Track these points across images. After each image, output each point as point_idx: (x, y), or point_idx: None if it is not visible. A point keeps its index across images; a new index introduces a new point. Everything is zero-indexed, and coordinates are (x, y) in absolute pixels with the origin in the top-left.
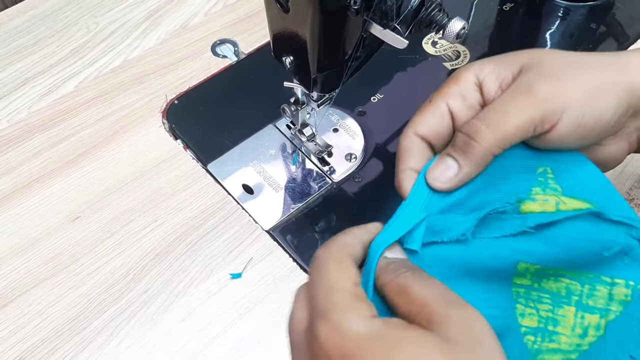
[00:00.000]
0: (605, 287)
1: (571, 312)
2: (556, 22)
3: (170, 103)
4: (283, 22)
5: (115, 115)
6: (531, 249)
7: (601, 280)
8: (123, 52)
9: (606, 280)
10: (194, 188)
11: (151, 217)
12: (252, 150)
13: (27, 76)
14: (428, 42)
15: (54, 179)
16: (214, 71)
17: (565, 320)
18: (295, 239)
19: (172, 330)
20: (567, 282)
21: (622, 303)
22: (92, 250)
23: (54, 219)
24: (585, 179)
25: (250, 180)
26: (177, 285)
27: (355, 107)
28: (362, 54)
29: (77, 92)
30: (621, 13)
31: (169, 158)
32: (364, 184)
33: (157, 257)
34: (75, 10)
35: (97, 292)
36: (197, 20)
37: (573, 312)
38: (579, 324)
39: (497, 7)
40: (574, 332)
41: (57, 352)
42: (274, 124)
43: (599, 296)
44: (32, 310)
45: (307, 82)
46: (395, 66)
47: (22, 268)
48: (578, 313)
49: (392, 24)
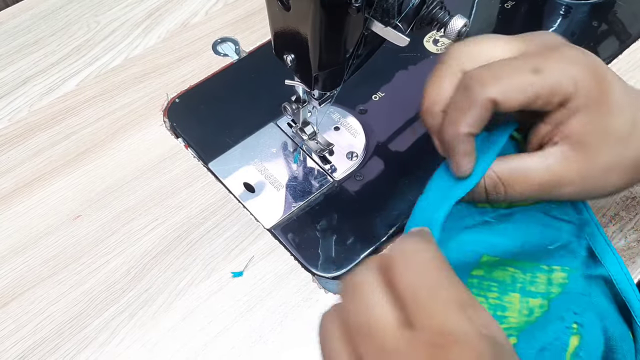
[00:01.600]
0: (544, 273)
1: (516, 298)
2: (558, 20)
3: (171, 101)
4: (284, 20)
5: (116, 114)
6: (494, 241)
7: (540, 269)
8: (124, 50)
9: (544, 268)
10: (195, 187)
11: (152, 215)
12: (253, 149)
13: (28, 75)
14: (429, 40)
15: (54, 177)
16: (215, 70)
17: (512, 306)
18: (297, 238)
19: (173, 328)
20: (512, 270)
21: (560, 285)
22: (93, 248)
23: (55, 218)
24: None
25: (251, 179)
26: (178, 284)
27: (356, 105)
28: (363, 52)
29: (78, 91)
30: (623, 11)
31: (170, 157)
32: (366, 182)
33: (158, 256)
34: (76, 8)
35: (98, 291)
36: (198, 19)
37: (518, 298)
38: (524, 307)
39: (499, 5)
40: (521, 314)
41: (58, 350)
42: (275, 122)
43: (539, 282)
44: (33, 308)
45: (308, 80)
46: (397, 64)
47: (23, 267)
48: (522, 299)
49: (393, 22)
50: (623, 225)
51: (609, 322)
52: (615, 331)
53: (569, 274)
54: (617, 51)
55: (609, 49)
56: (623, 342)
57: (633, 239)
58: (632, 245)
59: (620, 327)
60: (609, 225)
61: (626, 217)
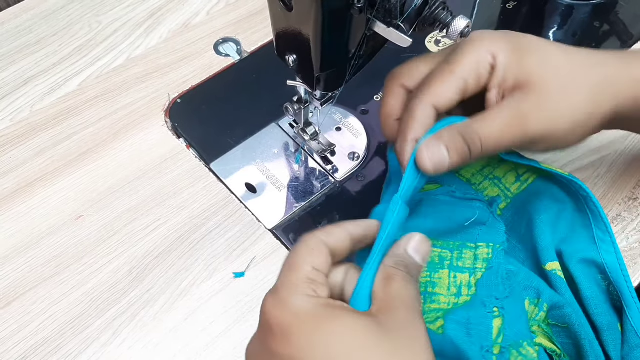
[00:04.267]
0: (471, 250)
1: (445, 274)
2: (559, 20)
3: (173, 102)
4: (286, 20)
5: (117, 114)
6: (413, 225)
7: (467, 246)
8: (125, 50)
9: (470, 246)
10: (196, 187)
11: (154, 216)
12: (255, 149)
13: (29, 75)
14: (431, 40)
15: (56, 177)
16: (216, 70)
17: (441, 282)
18: (299, 238)
19: (175, 329)
20: (439, 251)
21: (485, 260)
22: (95, 249)
23: (56, 218)
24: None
25: (253, 179)
26: (180, 284)
27: (358, 105)
28: (365, 52)
29: (79, 91)
30: (624, 11)
31: (172, 157)
32: (367, 182)
33: (160, 256)
34: (78, 9)
35: (100, 291)
36: (200, 19)
37: (447, 274)
38: (452, 283)
39: (500, 6)
40: (450, 292)
41: (60, 350)
42: (277, 123)
43: (466, 258)
44: (35, 308)
45: (310, 80)
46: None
47: (25, 267)
48: (451, 274)
49: (395, 22)
50: (625, 226)
51: (593, 309)
52: (602, 321)
53: (493, 250)
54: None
55: (611, 49)
56: (609, 330)
57: (635, 240)
58: (634, 247)
59: (607, 317)
60: (611, 226)
61: (628, 218)
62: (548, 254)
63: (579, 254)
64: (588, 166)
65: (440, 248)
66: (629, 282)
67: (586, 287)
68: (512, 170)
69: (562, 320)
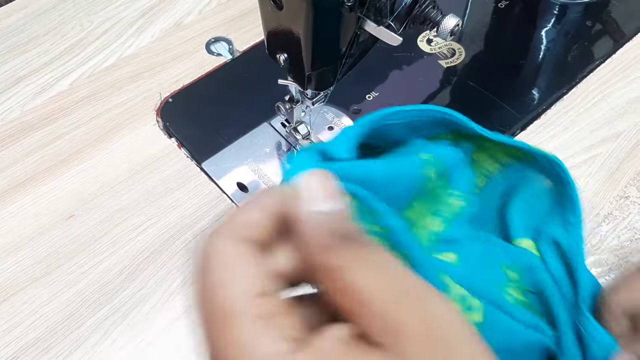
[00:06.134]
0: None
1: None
2: (552, 19)
3: (164, 101)
4: (277, 19)
5: (109, 114)
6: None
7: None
8: (117, 50)
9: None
10: (188, 186)
11: (145, 215)
12: (246, 149)
13: (20, 74)
14: (423, 39)
15: (47, 177)
16: (208, 69)
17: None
18: None
19: (167, 329)
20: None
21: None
22: (86, 248)
23: (47, 218)
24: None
25: (244, 179)
26: (171, 284)
27: (350, 105)
28: (356, 51)
29: (70, 91)
30: (617, 10)
31: (163, 156)
32: None
33: (151, 256)
34: (69, 8)
35: (91, 291)
36: (192, 18)
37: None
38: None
39: (493, 5)
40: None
41: (51, 351)
42: (269, 122)
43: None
44: (25, 309)
45: (301, 79)
46: (391, 64)
47: (15, 267)
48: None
49: (386, 21)
50: (616, 224)
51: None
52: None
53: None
54: (611, 50)
55: (603, 49)
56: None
57: (626, 238)
58: (625, 245)
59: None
60: (602, 224)
61: (619, 217)
62: (519, 232)
63: (550, 236)
64: (580, 164)
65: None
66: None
67: (554, 266)
68: (491, 158)
69: (537, 288)
